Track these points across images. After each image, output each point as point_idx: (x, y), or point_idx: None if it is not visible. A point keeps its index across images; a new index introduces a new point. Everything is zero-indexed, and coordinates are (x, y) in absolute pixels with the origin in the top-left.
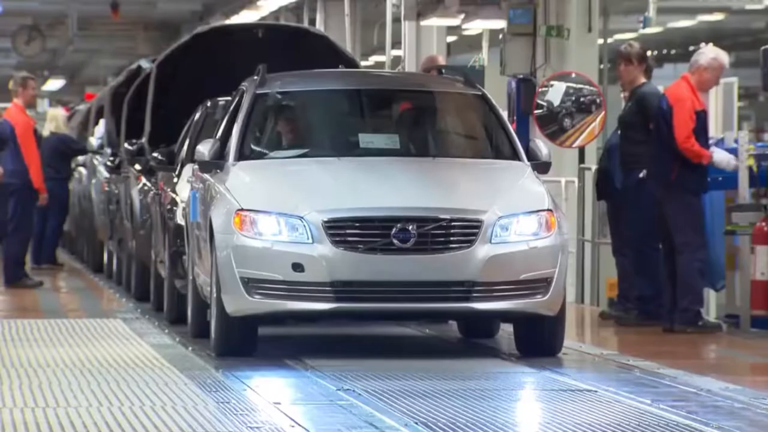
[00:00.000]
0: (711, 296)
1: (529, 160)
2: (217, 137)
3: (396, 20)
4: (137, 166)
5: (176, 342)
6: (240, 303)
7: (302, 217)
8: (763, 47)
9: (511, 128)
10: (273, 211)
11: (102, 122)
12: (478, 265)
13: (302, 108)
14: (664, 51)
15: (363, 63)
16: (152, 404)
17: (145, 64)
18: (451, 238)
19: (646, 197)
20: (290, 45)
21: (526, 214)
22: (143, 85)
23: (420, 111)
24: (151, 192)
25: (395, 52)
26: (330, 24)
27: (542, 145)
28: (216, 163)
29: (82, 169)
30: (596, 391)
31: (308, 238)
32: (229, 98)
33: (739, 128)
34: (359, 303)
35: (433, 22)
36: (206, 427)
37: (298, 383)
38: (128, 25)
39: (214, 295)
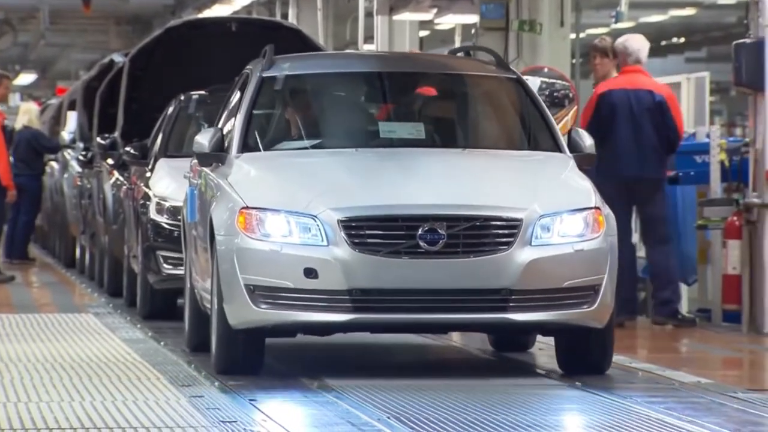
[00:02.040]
0: (683, 291)
1: (571, 151)
2: (219, 126)
3: (369, 15)
4: (110, 161)
5: (148, 337)
6: (244, 314)
7: (315, 216)
8: (734, 42)
9: (551, 116)
10: (282, 210)
11: (73, 115)
12: (517, 271)
13: (314, 93)
14: None
15: None
16: (124, 399)
17: (117, 58)
18: (486, 240)
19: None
20: (263, 39)
21: (570, 213)
22: (116, 80)
23: (447, 96)
24: (124, 186)
25: (368, 47)
26: (303, 18)
27: (585, 135)
28: (217, 156)
29: (54, 164)
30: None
31: (322, 240)
32: (203, 92)
33: (711, 123)
34: (380, 314)
35: (406, 16)
36: (178, 421)
37: (275, 383)
38: (100, 19)
39: (215, 305)
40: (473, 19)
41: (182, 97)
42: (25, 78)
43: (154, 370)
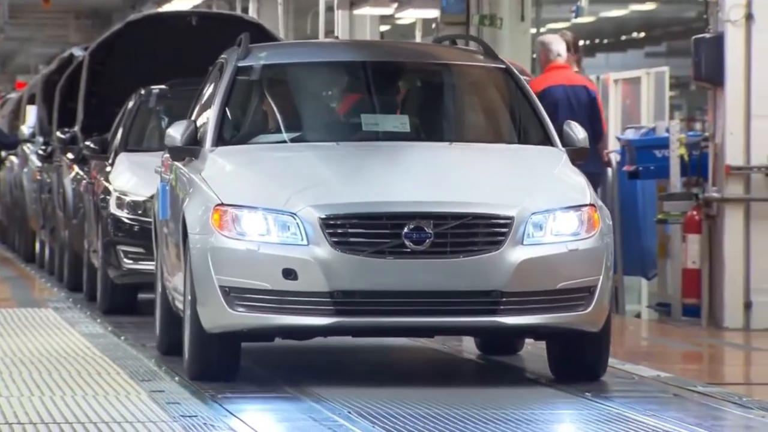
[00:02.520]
0: (643, 285)
1: (563, 145)
2: (192, 119)
3: (329, 9)
4: (70, 155)
5: (108, 332)
6: (219, 317)
7: (295, 214)
8: (694, 37)
9: (542, 108)
10: (259, 207)
11: (33, 110)
12: (508, 272)
13: (293, 84)
14: (596, 41)
15: None
16: (84, 394)
17: (77, 52)
18: (475, 239)
19: None
20: (224, 33)
21: (564, 210)
22: (75, 74)
23: (433, 87)
24: (84, 181)
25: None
26: (263, 12)
27: (578, 128)
28: (190, 150)
29: (14, 158)
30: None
31: (302, 239)
32: (163, 86)
33: (671, 118)
34: (364, 317)
35: (366, 11)
36: (138, 416)
37: (237, 379)
38: (59, 13)
39: (188, 307)
40: (434, 13)
41: (142, 92)
42: None
43: (114, 365)
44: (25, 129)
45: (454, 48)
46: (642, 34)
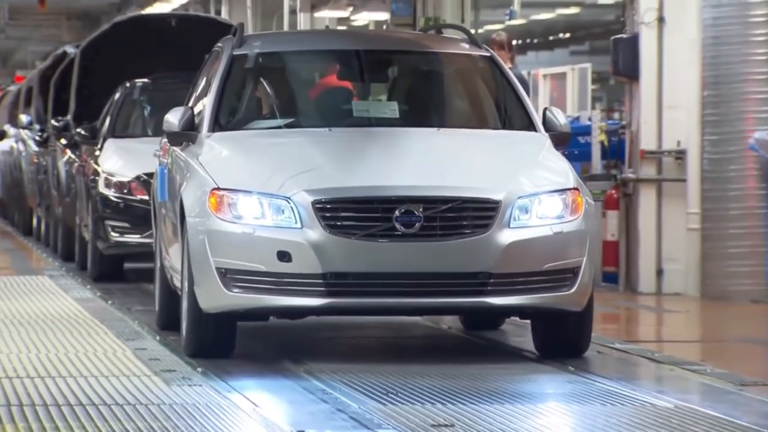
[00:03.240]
0: None
1: (546, 130)
2: (189, 105)
3: (293, 12)
4: (63, 141)
5: (97, 297)
6: (216, 298)
7: (289, 198)
8: (613, 37)
9: (525, 94)
10: (255, 191)
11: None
12: (495, 254)
13: (286, 72)
14: (528, 40)
15: None
16: (75, 351)
17: (69, 49)
18: (464, 223)
19: None
20: (200, 33)
21: (548, 194)
22: (68, 69)
23: (422, 75)
24: (76, 164)
25: None
26: (234, 15)
27: (560, 114)
28: (187, 135)
29: (13, 143)
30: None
31: (296, 223)
32: (146, 80)
33: (593, 108)
34: (355, 298)
35: (325, 13)
36: (123, 370)
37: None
38: (54, 15)
39: (186, 287)
40: (385, 16)
41: (128, 84)
42: None
43: (102, 326)
44: (24, 118)
45: (441, 37)
46: (567, 35)
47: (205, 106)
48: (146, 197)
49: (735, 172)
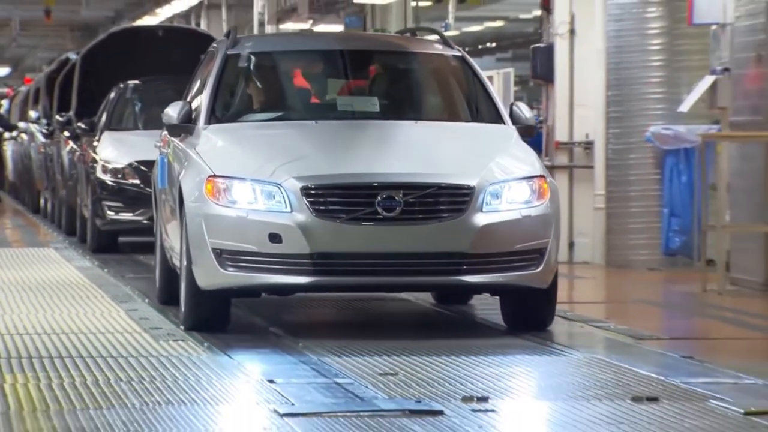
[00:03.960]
0: None
1: (513, 123)
2: (187, 100)
3: (261, 24)
4: (66, 133)
5: (95, 265)
6: (212, 276)
7: (279, 184)
8: (532, 46)
9: (494, 90)
10: (248, 178)
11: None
12: (469, 236)
13: (276, 69)
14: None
15: None
16: (76, 312)
17: (71, 56)
18: (440, 207)
19: None
20: (183, 42)
21: (517, 181)
22: (71, 72)
23: (400, 72)
24: (77, 153)
25: None
26: (211, 27)
27: (526, 108)
28: (185, 127)
29: (24, 135)
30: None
31: (286, 207)
32: (137, 81)
33: None
34: (340, 276)
35: (289, 26)
36: (117, 327)
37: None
38: (58, 27)
39: (185, 267)
40: (340, 28)
41: (121, 85)
42: (2, 71)
43: (99, 291)
44: (33, 114)
45: (417, 38)
46: (494, 44)
47: (202, 100)
48: (138, 181)
49: (634, 160)
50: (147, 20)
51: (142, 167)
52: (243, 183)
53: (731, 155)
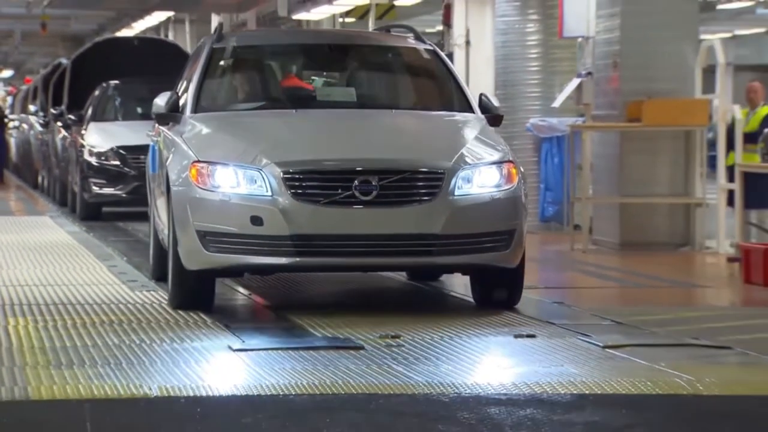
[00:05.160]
0: None
1: (482, 113)
2: (175, 90)
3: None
4: (59, 123)
5: (83, 231)
6: (196, 257)
7: (261, 169)
8: None
9: (464, 81)
10: (230, 163)
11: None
12: (441, 219)
13: (258, 62)
14: None
15: None
16: (66, 267)
17: (63, 60)
18: (414, 191)
19: None
20: (154, 50)
21: (487, 166)
22: (62, 74)
23: (376, 65)
24: (68, 139)
25: None
26: (177, 37)
27: (494, 99)
28: (172, 116)
29: (25, 126)
30: None
31: (267, 191)
32: (117, 81)
33: None
34: (319, 257)
35: None
36: (98, 279)
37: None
38: (52, 37)
39: (171, 248)
40: None
41: (104, 85)
42: (6, 73)
43: (86, 251)
44: (32, 107)
45: (391, 34)
46: None
47: (188, 91)
48: (118, 163)
49: (517, 145)
50: (125, 32)
51: (121, 151)
52: (226, 168)
53: (594, 141)
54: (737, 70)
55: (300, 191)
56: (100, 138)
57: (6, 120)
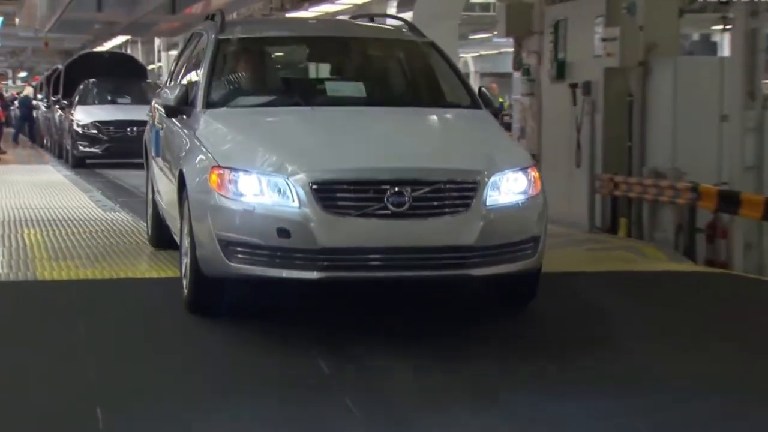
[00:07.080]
0: None
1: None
2: (180, 82)
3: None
4: (57, 106)
5: (73, 174)
6: (218, 266)
7: (287, 178)
8: None
9: (464, 75)
10: (254, 171)
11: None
12: (476, 229)
13: (266, 54)
14: None
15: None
16: (61, 197)
17: (59, 66)
18: (447, 202)
19: None
20: (120, 62)
21: (515, 172)
22: (59, 75)
23: (380, 59)
24: (63, 116)
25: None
26: (133, 52)
27: (492, 93)
28: (183, 109)
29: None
30: None
31: (294, 201)
32: (93, 80)
33: None
34: (348, 272)
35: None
36: (90, 216)
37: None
38: (52, 52)
39: (190, 252)
40: None
41: (86, 81)
42: (22, 74)
43: (74, 186)
44: (40, 96)
45: (388, 26)
46: None
47: (197, 84)
48: (95, 132)
49: None
50: (99, 48)
51: (97, 123)
52: (249, 175)
53: None
54: (482, 75)
55: (330, 203)
56: (83, 115)
57: (33, 103)
